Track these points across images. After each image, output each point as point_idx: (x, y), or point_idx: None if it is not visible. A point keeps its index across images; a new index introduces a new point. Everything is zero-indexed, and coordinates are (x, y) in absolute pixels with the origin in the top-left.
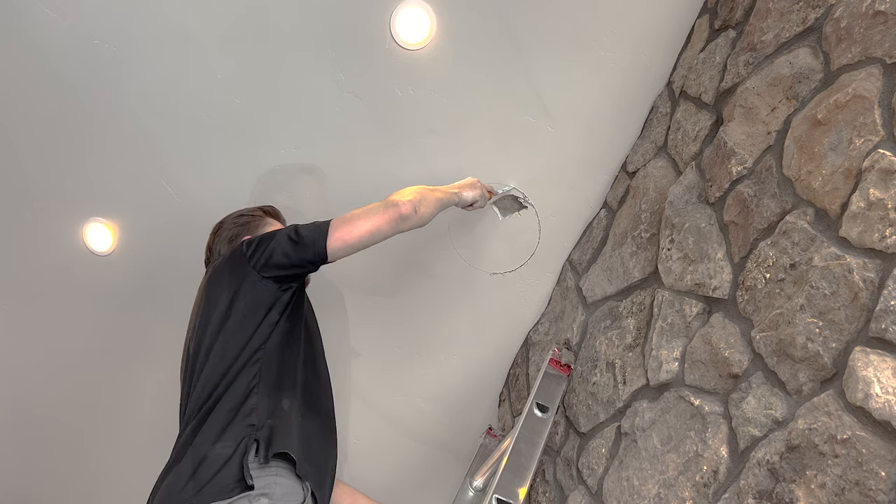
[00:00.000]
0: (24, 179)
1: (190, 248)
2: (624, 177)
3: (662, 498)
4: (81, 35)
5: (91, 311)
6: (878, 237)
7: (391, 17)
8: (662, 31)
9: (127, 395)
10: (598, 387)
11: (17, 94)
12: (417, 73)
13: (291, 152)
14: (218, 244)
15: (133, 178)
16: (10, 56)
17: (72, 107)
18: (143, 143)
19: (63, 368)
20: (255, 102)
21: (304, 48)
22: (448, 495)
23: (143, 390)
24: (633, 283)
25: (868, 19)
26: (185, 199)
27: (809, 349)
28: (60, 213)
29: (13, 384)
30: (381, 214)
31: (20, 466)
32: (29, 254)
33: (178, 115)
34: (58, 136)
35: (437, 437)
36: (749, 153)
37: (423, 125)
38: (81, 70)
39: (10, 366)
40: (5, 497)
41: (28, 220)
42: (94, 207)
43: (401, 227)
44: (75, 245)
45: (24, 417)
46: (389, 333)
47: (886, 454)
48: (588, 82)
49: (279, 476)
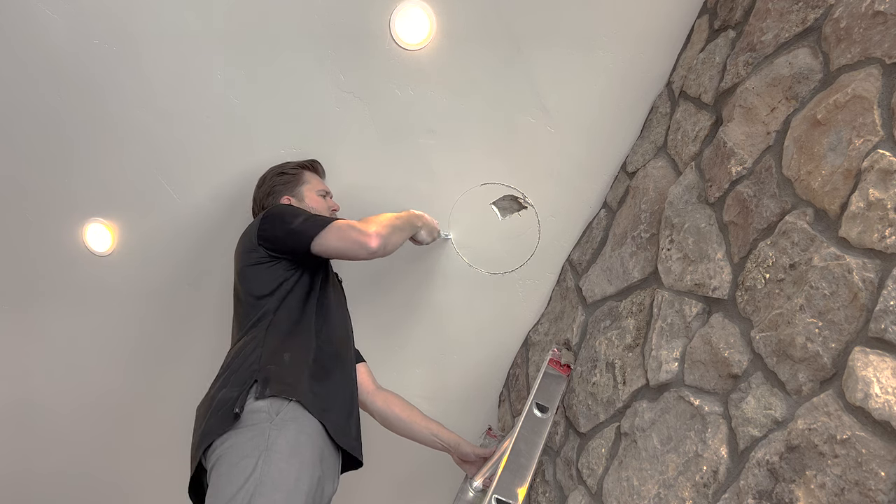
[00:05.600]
0: (24, 180)
1: (190, 248)
2: (624, 177)
3: (662, 498)
4: (81, 35)
5: (91, 312)
6: (878, 237)
7: (391, 17)
8: (662, 31)
9: (127, 394)
10: (597, 387)
11: (17, 94)
12: (417, 73)
13: (291, 152)
14: (259, 197)
15: (133, 178)
16: (10, 56)
17: (72, 107)
18: (143, 143)
19: (63, 368)
20: (255, 102)
21: (304, 48)
22: (448, 495)
23: (143, 390)
24: (633, 283)
25: (867, 19)
26: (185, 199)
27: (809, 349)
28: (60, 213)
29: (13, 384)
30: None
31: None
32: (29, 254)
33: (178, 115)
34: (58, 136)
35: None
36: (749, 153)
37: (423, 125)
38: (81, 70)
39: (10, 366)
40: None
41: (28, 220)
42: (94, 207)
43: (363, 258)
44: (75, 245)
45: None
46: (389, 333)
47: (886, 454)
48: (588, 82)
49: (289, 409)
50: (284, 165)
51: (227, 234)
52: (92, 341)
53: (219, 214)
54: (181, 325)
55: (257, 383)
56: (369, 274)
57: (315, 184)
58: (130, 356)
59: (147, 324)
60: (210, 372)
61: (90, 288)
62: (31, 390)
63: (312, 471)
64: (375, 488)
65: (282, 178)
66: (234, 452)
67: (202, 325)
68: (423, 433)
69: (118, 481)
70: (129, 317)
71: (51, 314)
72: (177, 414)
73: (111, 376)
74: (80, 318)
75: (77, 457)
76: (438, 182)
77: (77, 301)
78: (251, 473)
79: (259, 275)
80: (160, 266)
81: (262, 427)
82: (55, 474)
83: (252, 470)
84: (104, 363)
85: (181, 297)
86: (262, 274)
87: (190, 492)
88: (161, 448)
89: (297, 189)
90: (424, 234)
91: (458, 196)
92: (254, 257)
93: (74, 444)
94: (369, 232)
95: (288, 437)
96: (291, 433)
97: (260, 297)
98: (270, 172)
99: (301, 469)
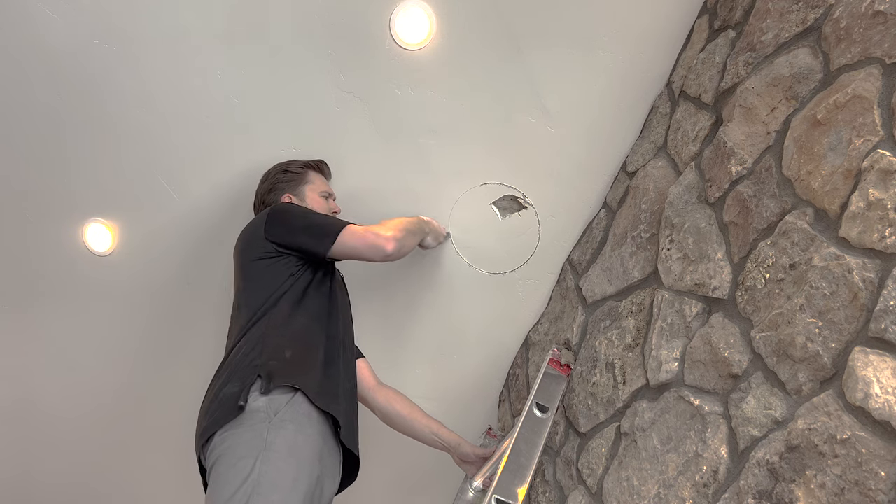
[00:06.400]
0: (24, 180)
1: (190, 248)
2: (624, 177)
3: (662, 498)
4: (81, 35)
5: (91, 312)
6: (878, 237)
7: (391, 17)
8: (662, 31)
9: (127, 394)
10: (597, 387)
11: (16, 93)
12: (417, 73)
13: (291, 152)
14: (261, 193)
15: (133, 178)
16: (11, 56)
17: (72, 107)
18: (143, 143)
19: (63, 368)
20: (254, 102)
21: (303, 48)
22: (448, 495)
23: (142, 389)
24: (633, 283)
25: (867, 19)
26: (185, 199)
27: (809, 349)
28: (60, 213)
29: (13, 384)
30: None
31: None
32: (29, 254)
33: (178, 115)
34: (58, 136)
35: None
36: (749, 153)
37: (423, 125)
38: (81, 70)
39: (9, 366)
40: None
41: (28, 220)
42: (94, 207)
43: (377, 260)
44: (75, 245)
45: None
46: (389, 333)
47: (886, 454)
48: (588, 82)
49: (292, 403)
50: (290, 163)
51: (227, 233)
52: (92, 341)
53: (219, 214)
54: (181, 324)
55: (261, 378)
56: (370, 274)
57: (318, 184)
58: (130, 356)
59: (147, 324)
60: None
61: (90, 288)
62: (31, 390)
63: (311, 470)
64: (375, 488)
65: (285, 176)
66: (231, 453)
67: (202, 324)
68: (424, 432)
69: (118, 480)
70: (129, 317)
71: (51, 314)
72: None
73: (111, 376)
74: (81, 318)
75: (76, 456)
76: (438, 182)
77: (77, 301)
78: (249, 474)
79: (265, 270)
80: (160, 266)
81: (260, 427)
82: (55, 473)
83: (250, 471)
84: (104, 363)
85: (181, 297)
86: (269, 269)
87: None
88: (160, 446)
89: (299, 188)
90: (430, 240)
91: (458, 196)
92: (259, 252)
93: (74, 444)
94: (386, 235)
95: (286, 436)
96: (289, 433)
97: (266, 292)
98: (275, 169)
99: (299, 469)
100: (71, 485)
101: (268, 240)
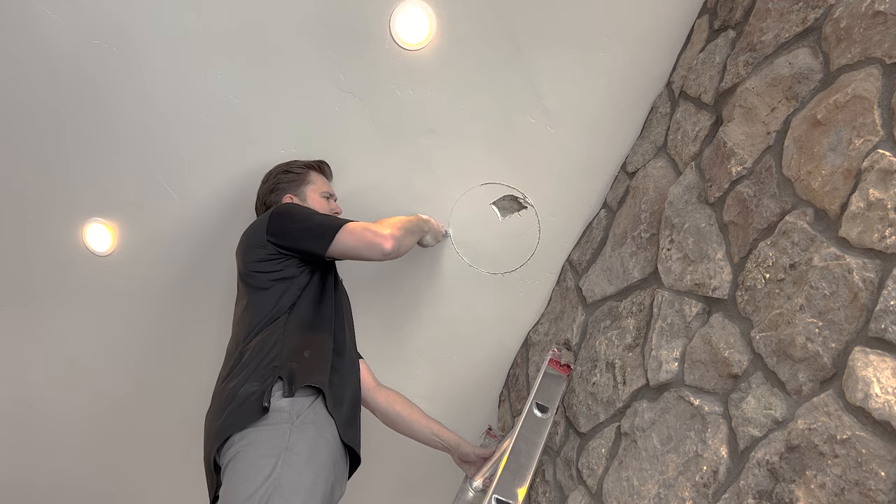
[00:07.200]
0: (24, 179)
1: (190, 248)
2: (624, 177)
3: (662, 498)
4: (81, 35)
5: (91, 312)
6: (878, 237)
7: (391, 17)
8: (662, 31)
9: (127, 394)
10: (597, 387)
11: (16, 93)
12: (417, 73)
13: (291, 152)
14: (262, 193)
15: (133, 178)
16: (11, 56)
17: (71, 107)
18: (143, 143)
19: (63, 368)
20: (254, 102)
21: (304, 48)
22: (448, 495)
23: (142, 389)
24: (633, 283)
25: (868, 19)
26: (185, 199)
27: (809, 349)
28: (60, 213)
29: (13, 384)
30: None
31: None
32: (29, 254)
33: (178, 115)
34: (58, 136)
35: None
36: (749, 153)
37: (423, 125)
38: (81, 70)
39: (9, 366)
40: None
41: (28, 220)
42: (94, 207)
43: (376, 259)
44: (75, 245)
45: (24, 418)
46: (389, 333)
47: (886, 454)
48: (588, 82)
49: (314, 406)
50: (291, 163)
51: (227, 234)
52: (92, 341)
53: (219, 214)
54: (181, 325)
55: (282, 380)
56: (369, 274)
57: (320, 185)
58: (130, 356)
59: (147, 324)
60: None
61: (90, 288)
62: (31, 390)
63: (327, 476)
64: (375, 488)
65: (287, 177)
66: (252, 451)
67: (202, 324)
68: (424, 432)
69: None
70: (130, 317)
71: (51, 314)
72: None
73: (111, 376)
74: (80, 318)
75: (76, 456)
76: (438, 182)
77: (77, 301)
78: (270, 473)
79: (268, 272)
80: (160, 266)
81: (283, 428)
82: (54, 473)
83: (271, 470)
84: (104, 363)
85: (182, 297)
86: (272, 271)
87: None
88: (160, 446)
89: (300, 189)
90: (429, 239)
91: (458, 195)
92: (261, 254)
93: (74, 444)
94: (384, 234)
95: (308, 439)
96: (311, 436)
97: (272, 295)
98: (276, 169)
99: (318, 473)
100: (71, 485)
101: (270, 241)
